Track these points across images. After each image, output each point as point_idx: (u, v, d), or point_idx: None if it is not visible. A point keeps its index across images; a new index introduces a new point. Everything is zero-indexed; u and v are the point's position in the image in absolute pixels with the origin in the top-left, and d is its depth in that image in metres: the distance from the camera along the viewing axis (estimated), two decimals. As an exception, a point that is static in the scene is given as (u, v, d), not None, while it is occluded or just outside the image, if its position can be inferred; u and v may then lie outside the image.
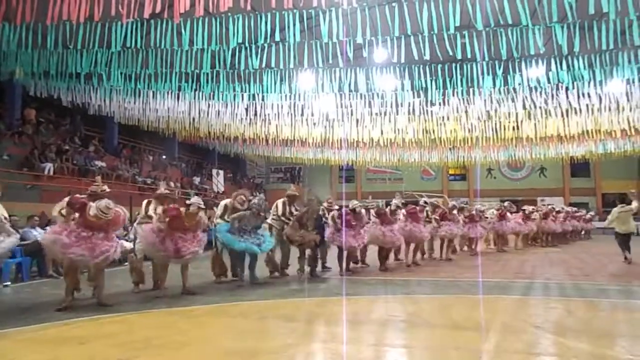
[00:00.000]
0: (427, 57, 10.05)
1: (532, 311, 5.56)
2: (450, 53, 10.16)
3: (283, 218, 8.06)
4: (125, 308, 5.57)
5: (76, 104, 14.50)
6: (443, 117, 16.72)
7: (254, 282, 7.30)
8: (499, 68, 12.55)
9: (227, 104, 15.28)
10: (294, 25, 9.19)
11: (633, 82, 13.14)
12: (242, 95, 14.82)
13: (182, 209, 6.41)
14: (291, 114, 16.20)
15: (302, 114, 16.36)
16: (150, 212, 6.65)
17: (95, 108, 15.24)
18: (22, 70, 12.87)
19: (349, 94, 15.33)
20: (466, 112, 15.94)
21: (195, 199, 6.60)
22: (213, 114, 15.65)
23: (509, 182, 30.68)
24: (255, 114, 16.02)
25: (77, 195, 5.81)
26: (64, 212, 5.63)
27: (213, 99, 14.98)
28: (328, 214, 8.70)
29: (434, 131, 17.90)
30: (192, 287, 6.56)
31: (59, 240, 5.32)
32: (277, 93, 14.43)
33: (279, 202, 8.32)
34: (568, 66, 12.23)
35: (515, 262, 10.66)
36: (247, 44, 10.99)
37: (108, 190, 6.25)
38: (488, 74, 12.86)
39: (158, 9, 7.71)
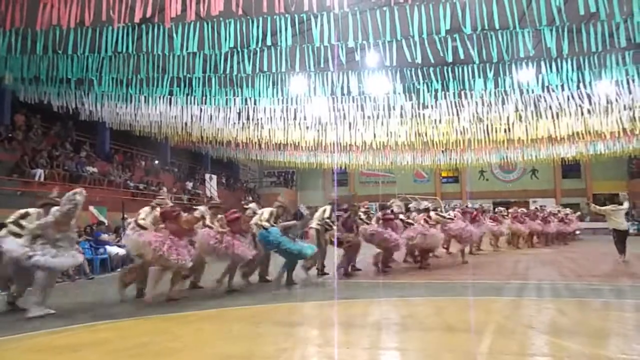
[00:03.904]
0: (418, 60, 10.11)
1: (525, 312, 5.60)
2: (442, 56, 10.23)
3: (328, 221, 8.63)
4: (118, 315, 5.52)
5: (67, 109, 14.39)
6: (435, 120, 16.81)
7: (290, 284, 7.58)
8: (490, 71, 12.66)
9: (219, 109, 15.24)
10: (286, 29, 9.21)
11: (621, 83, 13.30)
12: (235, 99, 14.80)
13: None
14: (284, 118, 16.20)
15: (294, 118, 16.36)
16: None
17: (87, 113, 15.12)
18: (12, 76, 12.75)
19: (341, 98, 15.37)
20: (458, 114, 16.04)
21: (253, 205, 7.72)
22: (205, 119, 15.59)
23: (501, 184, 30.88)
24: (248, 118, 15.99)
25: (168, 208, 6.48)
26: (149, 220, 6.35)
27: (205, 103, 14.94)
28: (363, 216, 9.37)
29: (426, 134, 17.99)
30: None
31: (160, 246, 5.89)
32: (269, 97, 14.43)
33: (327, 208, 8.93)
34: (557, 68, 12.36)
35: (509, 263, 10.72)
36: (238, 49, 10.99)
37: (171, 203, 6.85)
38: (479, 76, 12.97)
39: (149, 14, 7.69)
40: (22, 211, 5.93)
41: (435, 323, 5.04)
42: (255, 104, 15.08)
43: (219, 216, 7.27)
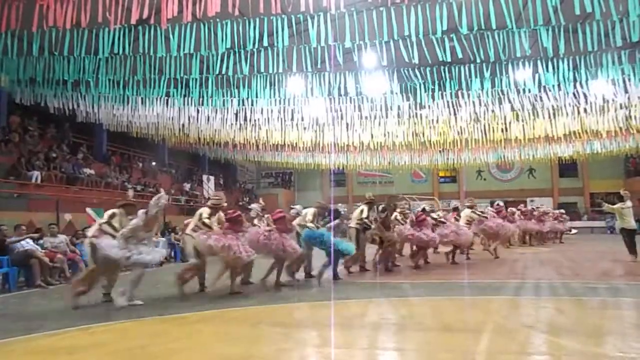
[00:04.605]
0: (415, 60, 10.12)
1: (523, 311, 5.61)
2: (439, 56, 10.25)
3: (366, 221, 8.97)
4: (116, 316, 5.50)
5: (64, 111, 14.35)
6: (432, 120, 16.83)
7: (336, 279, 7.95)
8: (487, 70, 12.68)
9: (216, 110, 15.23)
10: (283, 30, 9.20)
11: (617, 82, 13.35)
12: (232, 100, 14.79)
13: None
14: (281, 119, 16.19)
15: (292, 119, 16.36)
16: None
17: (84, 115, 15.09)
18: (8, 78, 12.71)
19: (339, 98, 15.37)
20: (455, 114, 16.07)
21: (298, 207, 8.38)
22: (203, 120, 15.58)
23: (498, 184, 30.94)
24: (245, 119, 15.98)
25: (233, 212, 7.02)
26: (214, 220, 6.80)
27: (202, 104, 14.92)
28: (400, 216, 9.86)
29: (423, 134, 18.01)
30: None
31: (235, 247, 6.41)
32: (266, 98, 14.42)
33: (364, 207, 9.11)
34: (554, 68, 12.39)
35: (506, 262, 10.74)
36: (235, 49, 10.98)
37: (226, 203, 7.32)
38: (476, 76, 12.99)
39: (145, 15, 7.67)
40: (110, 212, 6.44)
41: (434, 323, 5.04)
42: (252, 104, 15.08)
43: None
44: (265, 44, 9.84)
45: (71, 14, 7.77)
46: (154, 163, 22.71)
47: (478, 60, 11.00)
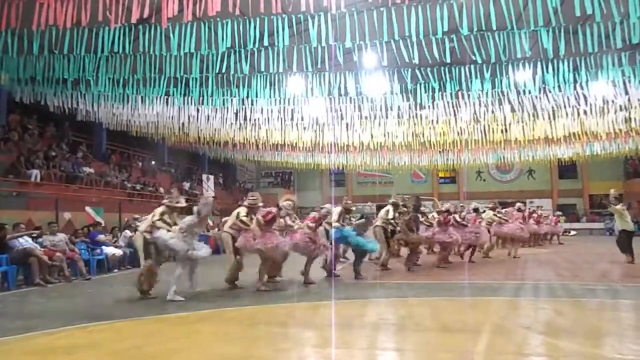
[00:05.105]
0: (415, 60, 10.12)
1: (522, 312, 5.61)
2: (439, 57, 10.25)
3: (392, 222, 9.32)
4: (114, 316, 5.50)
5: (63, 109, 14.33)
6: (432, 121, 16.82)
7: (359, 277, 8.23)
8: (487, 71, 12.68)
9: (216, 109, 15.21)
10: (283, 29, 9.19)
11: (617, 84, 13.34)
12: (232, 99, 14.77)
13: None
14: (281, 119, 16.18)
15: (292, 118, 16.35)
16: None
17: (83, 114, 15.07)
18: (8, 76, 12.69)
19: (339, 98, 15.36)
20: (455, 115, 16.06)
21: (328, 206, 8.39)
22: (202, 119, 15.57)
23: (498, 184, 30.94)
24: (245, 119, 15.97)
25: (267, 212, 7.26)
26: (255, 220, 7.17)
27: (202, 103, 14.91)
28: (421, 217, 10.14)
29: (423, 134, 18.01)
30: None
31: (277, 242, 6.98)
32: (266, 97, 14.40)
33: (390, 208, 9.47)
34: (554, 69, 12.39)
35: (505, 264, 10.74)
36: (236, 49, 10.97)
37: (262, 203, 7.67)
38: (476, 77, 12.98)
39: (146, 14, 7.66)
40: (159, 210, 6.82)
41: (433, 323, 5.04)
42: (252, 104, 15.06)
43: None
44: (266, 43, 9.82)
45: (71, 12, 7.75)
46: (153, 162, 22.69)
47: (478, 61, 11.01)
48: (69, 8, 7.74)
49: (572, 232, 24.29)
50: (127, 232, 12.00)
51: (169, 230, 6.55)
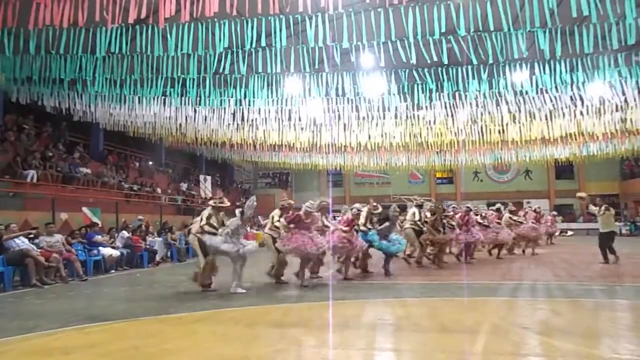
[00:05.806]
0: (413, 61, 10.13)
1: (519, 312, 5.62)
2: (436, 58, 10.26)
3: (419, 223, 9.88)
4: (111, 316, 5.48)
5: (60, 110, 14.28)
6: (430, 121, 16.85)
7: (389, 274, 8.69)
8: (484, 72, 12.71)
9: (214, 110, 15.19)
10: (281, 30, 9.18)
11: (614, 85, 13.39)
12: (229, 100, 14.75)
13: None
14: (278, 119, 16.17)
15: (289, 119, 16.34)
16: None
17: (80, 114, 15.01)
18: (4, 76, 12.62)
19: (336, 99, 15.37)
20: (452, 115, 16.09)
21: (358, 205, 8.90)
22: (200, 120, 15.54)
23: (495, 185, 31.02)
24: (243, 119, 15.95)
25: (291, 214, 7.67)
26: (281, 223, 7.78)
27: (200, 104, 14.88)
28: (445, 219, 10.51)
29: (420, 135, 18.03)
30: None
31: (303, 243, 7.29)
32: (264, 98, 14.39)
33: (415, 210, 10.16)
34: (551, 70, 12.43)
35: (502, 264, 10.76)
36: (233, 49, 10.96)
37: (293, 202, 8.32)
38: (474, 78, 13.01)
39: (143, 15, 7.64)
40: (207, 213, 7.44)
41: (430, 323, 5.05)
42: (250, 104, 15.05)
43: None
44: (263, 44, 9.86)
45: (68, 12, 7.73)
46: (150, 163, 22.64)
47: (475, 62, 11.04)
48: (66, 8, 7.70)
49: (569, 233, 24.36)
50: (124, 233, 11.99)
51: (215, 234, 7.16)
